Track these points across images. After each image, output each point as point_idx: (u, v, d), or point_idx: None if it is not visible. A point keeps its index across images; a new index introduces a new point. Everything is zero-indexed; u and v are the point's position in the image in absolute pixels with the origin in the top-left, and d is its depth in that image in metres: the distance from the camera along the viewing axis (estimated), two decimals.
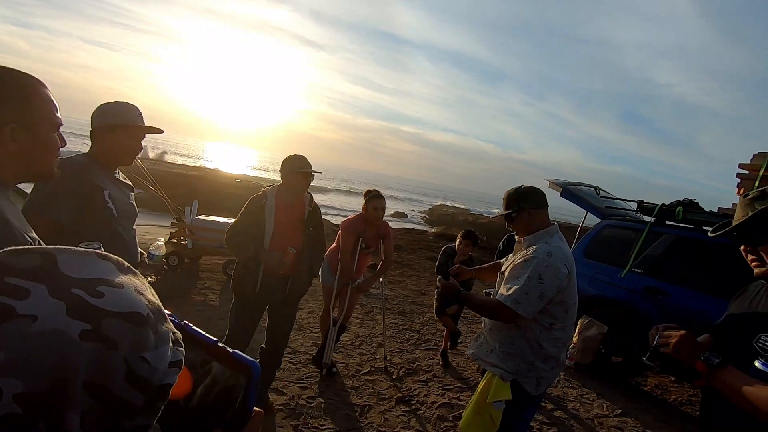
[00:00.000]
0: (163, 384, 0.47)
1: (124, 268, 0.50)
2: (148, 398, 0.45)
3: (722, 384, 1.12)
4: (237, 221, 2.51)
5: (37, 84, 0.96)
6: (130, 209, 1.76)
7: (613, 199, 5.04)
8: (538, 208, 1.92)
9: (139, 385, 0.43)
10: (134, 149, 1.72)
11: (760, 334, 1.19)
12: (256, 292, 2.46)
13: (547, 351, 1.88)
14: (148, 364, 0.44)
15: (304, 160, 2.49)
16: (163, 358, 0.46)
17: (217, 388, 0.62)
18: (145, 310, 0.45)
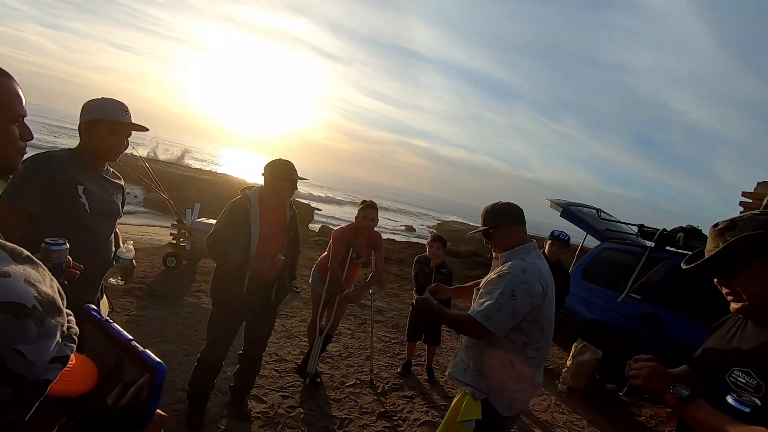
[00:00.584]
0: (41, 380, 0.45)
1: (21, 257, 0.49)
2: (19, 394, 0.43)
3: (691, 418, 1.08)
4: (219, 227, 2.40)
5: None
6: (110, 207, 1.75)
7: (614, 221, 4.97)
8: (515, 223, 1.90)
9: (10, 379, 0.42)
10: (117, 145, 1.70)
11: (733, 368, 1.15)
12: (242, 300, 2.41)
13: (520, 371, 1.83)
14: (24, 357, 0.42)
15: (292, 166, 2.44)
16: (43, 352, 0.45)
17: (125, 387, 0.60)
18: (30, 302, 0.44)
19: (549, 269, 1.93)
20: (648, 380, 1.16)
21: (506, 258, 1.88)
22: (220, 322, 2.49)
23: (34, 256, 0.51)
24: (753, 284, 1.07)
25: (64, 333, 0.50)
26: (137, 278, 4.96)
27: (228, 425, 2.64)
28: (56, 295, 0.50)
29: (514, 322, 1.73)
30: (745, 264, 1.07)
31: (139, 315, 3.99)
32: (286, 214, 2.55)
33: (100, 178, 1.74)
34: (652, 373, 1.16)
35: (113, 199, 1.79)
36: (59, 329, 0.48)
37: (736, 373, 1.12)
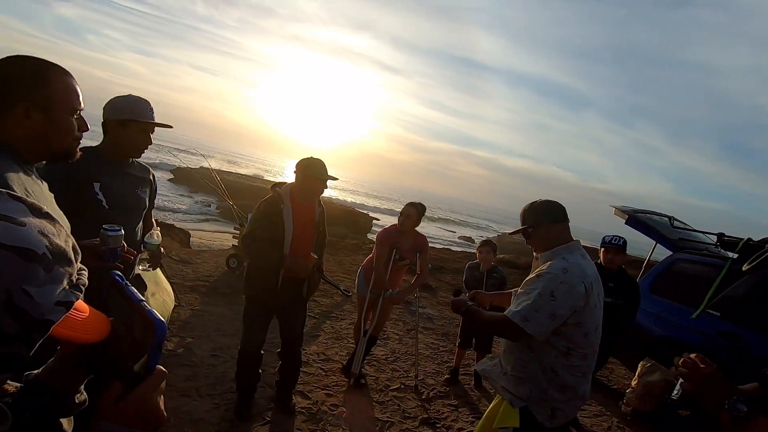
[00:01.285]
0: (44, 319, 0.51)
1: (40, 213, 0.55)
2: (24, 329, 0.49)
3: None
4: (253, 226, 2.46)
5: (59, 71, 1.07)
6: (132, 201, 1.81)
7: (689, 230, 4.51)
8: (556, 222, 1.80)
9: (16, 313, 0.47)
10: (145, 143, 1.78)
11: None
12: (275, 297, 2.48)
13: (563, 379, 1.71)
14: (31, 297, 0.48)
15: (323, 165, 2.45)
16: (48, 295, 0.50)
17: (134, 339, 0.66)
18: (41, 249, 0.50)
19: (596, 270, 1.80)
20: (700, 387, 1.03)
21: (547, 258, 1.79)
22: (252, 316, 2.58)
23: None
24: None
25: (72, 282, 0.56)
26: (203, 276, 5.35)
27: (273, 417, 2.74)
28: (69, 249, 0.56)
29: (555, 325, 1.63)
30: None
31: (202, 310, 4.29)
32: (316, 211, 2.58)
33: (124, 173, 1.79)
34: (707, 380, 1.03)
35: (137, 193, 1.84)
36: (67, 277, 0.54)
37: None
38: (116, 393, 0.60)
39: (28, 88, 1.02)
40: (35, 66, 1.05)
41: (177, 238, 7.74)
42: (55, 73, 1.07)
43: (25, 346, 0.50)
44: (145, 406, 0.60)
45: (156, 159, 33.68)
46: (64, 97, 1.08)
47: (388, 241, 3.28)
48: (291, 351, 2.77)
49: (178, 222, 11.55)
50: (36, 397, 0.68)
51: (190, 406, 2.66)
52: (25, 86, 1.02)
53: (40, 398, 0.68)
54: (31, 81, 1.03)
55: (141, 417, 0.59)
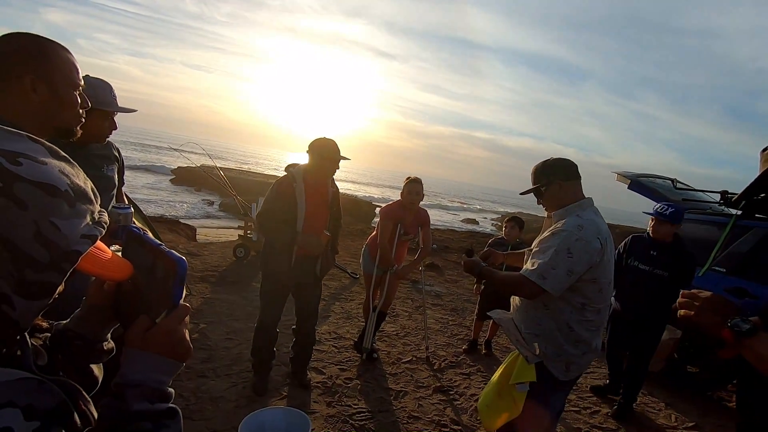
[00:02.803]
0: (72, 250, 0.54)
1: (59, 155, 0.58)
2: (55, 258, 0.52)
3: (753, 354, 0.96)
4: (268, 205, 2.53)
5: (57, 46, 1.08)
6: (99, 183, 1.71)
7: (692, 191, 4.51)
8: (569, 179, 1.79)
9: (46, 244, 0.50)
10: (109, 128, 1.74)
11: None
12: (288, 274, 2.55)
13: (578, 334, 1.74)
14: (58, 229, 0.51)
15: (335, 145, 2.50)
16: (74, 227, 0.53)
17: (156, 281, 0.69)
18: (63, 186, 0.53)
19: (607, 227, 1.81)
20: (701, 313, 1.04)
21: (560, 216, 1.78)
22: (269, 292, 2.68)
23: None
24: None
25: (94, 219, 0.59)
26: (212, 267, 5.41)
27: (290, 392, 2.81)
28: (88, 189, 0.59)
29: (571, 281, 1.64)
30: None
31: (213, 297, 4.35)
32: (329, 191, 2.63)
33: (86, 155, 1.72)
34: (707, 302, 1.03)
35: (104, 173, 1.81)
36: (89, 214, 0.57)
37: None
38: (144, 325, 0.63)
39: (34, 61, 1.03)
40: (37, 41, 1.05)
41: (183, 234, 7.81)
42: (57, 47, 1.08)
43: (57, 274, 0.53)
44: (173, 336, 0.63)
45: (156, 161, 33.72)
46: (67, 71, 1.09)
47: (392, 217, 3.31)
48: (305, 328, 2.84)
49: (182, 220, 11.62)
50: (65, 341, 0.72)
51: (209, 386, 2.73)
52: (30, 60, 1.03)
53: (70, 342, 0.72)
54: (36, 54, 1.04)
55: (170, 346, 0.62)
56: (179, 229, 7.97)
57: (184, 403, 2.51)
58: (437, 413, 2.84)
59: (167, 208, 16.32)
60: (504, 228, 3.90)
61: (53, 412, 0.55)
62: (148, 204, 16.14)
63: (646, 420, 3.14)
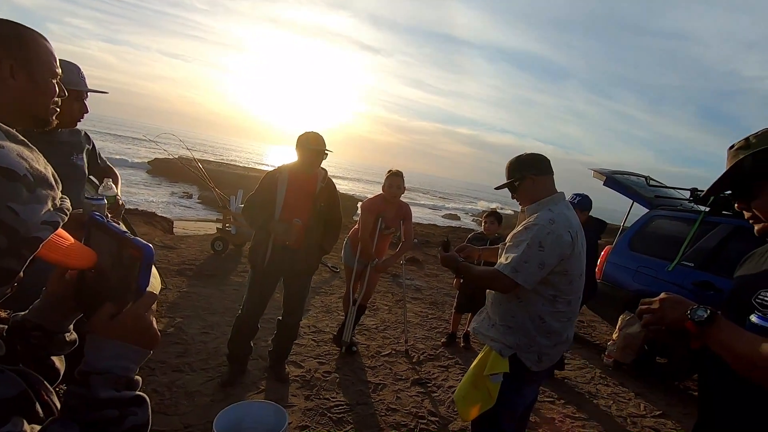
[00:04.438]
0: (32, 236, 0.52)
1: (17, 139, 0.56)
2: (14, 244, 0.50)
3: (714, 342, 1.00)
4: (253, 194, 2.63)
5: (37, 34, 1.06)
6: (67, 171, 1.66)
7: (664, 188, 4.65)
8: (541, 174, 1.83)
9: (5, 231, 0.48)
10: (79, 111, 1.69)
11: (760, 290, 1.07)
12: (265, 264, 2.57)
13: (549, 325, 1.78)
14: (16, 214, 0.49)
15: (316, 137, 2.54)
16: (34, 213, 0.51)
17: (121, 269, 0.67)
18: (21, 171, 0.51)
19: (579, 220, 1.86)
20: (663, 312, 1.08)
21: (533, 210, 1.82)
22: (252, 282, 2.68)
23: None
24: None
25: (56, 205, 0.56)
26: (189, 260, 5.31)
27: (267, 386, 2.79)
28: (49, 174, 0.57)
29: (543, 273, 1.68)
30: (762, 182, 0.99)
31: (190, 291, 4.28)
32: (317, 185, 2.63)
33: (52, 143, 1.64)
34: (666, 305, 1.08)
35: (72, 161, 1.75)
36: (50, 200, 0.55)
37: (763, 293, 1.04)
38: (109, 311, 0.61)
39: (14, 48, 1.01)
40: (17, 28, 1.03)
41: (159, 226, 7.63)
42: (37, 35, 1.06)
43: (16, 261, 0.51)
44: (139, 323, 0.61)
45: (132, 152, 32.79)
46: (46, 60, 1.07)
47: (373, 211, 3.31)
48: (288, 322, 2.83)
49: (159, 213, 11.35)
50: (25, 331, 0.69)
51: (184, 380, 2.69)
52: (10, 46, 1.00)
53: (29, 333, 0.69)
54: (16, 41, 1.01)
55: (136, 333, 0.61)
56: (155, 221, 7.78)
57: (158, 398, 2.47)
58: (415, 405, 2.86)
59: (143, 201, 15.92)
60: (483, 223, 3.95)
61: (13, 401, 0.54)
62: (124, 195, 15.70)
63: (617, 409, 3.24)
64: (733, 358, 0.96)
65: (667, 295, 1.10)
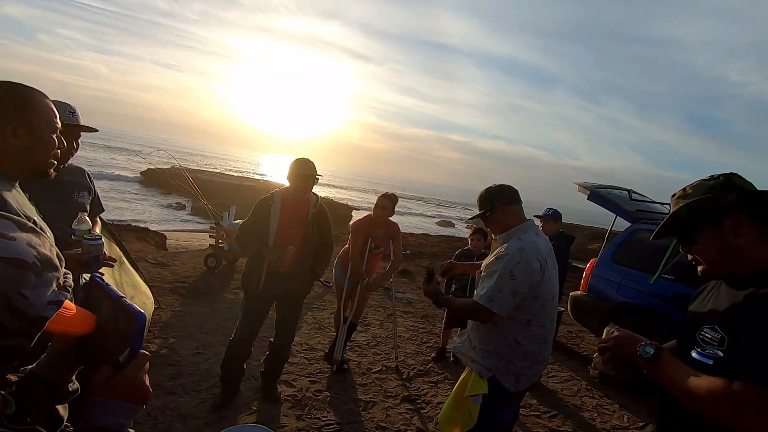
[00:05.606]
0: (40, 316, 0.60)
1: (26, 227, 0.64)
2: (24, 325, 0.58)
3: (660, 376, 1.11)
4: (247, 221, 2.69)
5: (39, 94, 1.17)
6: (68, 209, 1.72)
7: (647, 202, 4.79)
8: (510, 204, 1.94)
9: (16, 313, 0.56)
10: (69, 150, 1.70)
11: (703, 326, 1.17)
12: (259, 288, 2.63)
13: (525, 348, 1.88)
14: (26, 299, 0.57)
15: (306, 162, 2.61)
16: (41, 296, 0.60)
17: (117, 330, 0.75)
18: (30, 259, 0.59)
19: (548, 245, 1.96)
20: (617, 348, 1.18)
21: (504, 239, 1.92)
22: (246, 308, 2.74)
23: None
24: (705, 248, 1.10)
25: (60, 284, 0.65)
26: (182, 278, 5.35)
27: (259, 407, 2.85)
28: (53, 256, 0.65)
29: (517, 301, 1.78)
30: (699, 228, 1.10)
31: (183, 310, 4.32)
32: (309, 210, 2.71)
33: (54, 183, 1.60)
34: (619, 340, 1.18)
35: (73, 199, 1.80)
36: (55, 281, 0.63)
37: (705, 330, 1.14)
38: (106, 374, 0.70)
39: (18, 110, 1.12)
40: (22, 91, 1.14)
41: (152, 242, 7.66)
42: (39, 95, 1.17)
43: (27, 339, 0.59)
44: (133, 383, 0.70)
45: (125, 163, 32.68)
46: (47, 118, 1.17)
47: (362, 232, 3.40)
48: (280, 343, 2.90)
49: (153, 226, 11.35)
50: (32, 386, 0.77)
51: (177, 403, 2.74)
52: (15, 109, 1.11)
53: (37, 387, 0.77)
54: (21, 104, 1.12)
55: (130, 392, 0.69)
56: (148, 237, 7.81)
57: (152, 421, 2.52)
58: (404, 422, 2.93)
59: (136, 213, 15.88)
60: (470, 240, 4.05)
61: None
62: (116, 209, 15.66)
63: (601, 421, 3.33)
64: (674, 391, 1.06)
65: (619, 332, 1.21)
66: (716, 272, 1.14)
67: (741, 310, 1.03)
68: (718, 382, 0.97)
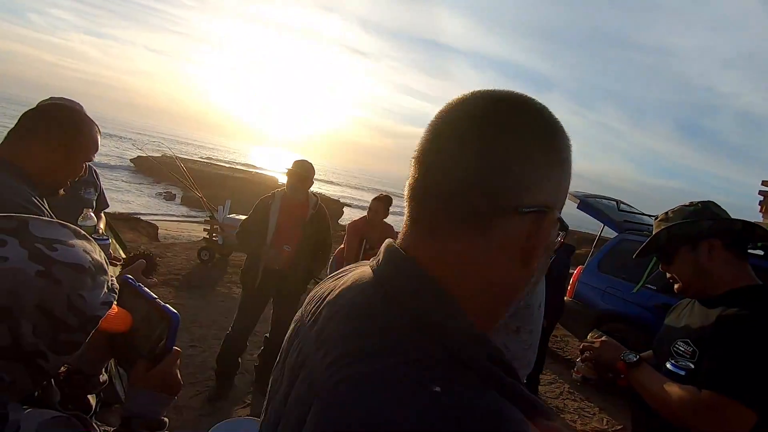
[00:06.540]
0: (95, 315, 0.68)
1: (80, 235, 0.71)
2: (82, 322, 0.66)
3: (636, 382, 1.22)
4: (247, 218, 2.78)
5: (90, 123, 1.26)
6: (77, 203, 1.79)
7: (634, 213, 4.94)
8: None
9: (76, 312, 0.64)
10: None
11: (676, 339, 1.28)
12: (256, 285, 2.72)
13: (514, 353, 1.99)
14: (84, 299, 0.65)
15: (304, 164, 2.72)
16: (96, 297, 0.67)
17: (152, 330, 0.83)
18: (87, 264, 0.66)
19: None
20: (600, 353, 1.30)
21: None
22: (243, 303, 2.83)
23: None
24: (681, 268, 1.21)
25: (109, 287, 0.72)
26: (175, 270, 5.38)
27: (253, 401, 2.92)
28: (103, 261, 0.72)
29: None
30: (676, 250, 1.21)
31: (176, 303, 4.36)
32: (308, 211, 2.79)
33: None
34: (602, 347, 1.30)
35: (80, 195, 1.87)
36: (106, 283, 0.71)
37: (679, 343, 1.25)
38: (144, 367, 0.78)
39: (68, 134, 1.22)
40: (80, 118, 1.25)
41: (144, 232, 7.65)
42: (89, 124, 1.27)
43: (84, 335, 0.67)
44: (167, 376, 0.78)
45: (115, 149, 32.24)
46: (88, 148, 1.27)
47: (357, 233, 3.47)
48: (276, 340, 2.97)
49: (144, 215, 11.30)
50: (68, 375, 0.85)
51: None
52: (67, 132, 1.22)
53: (73, 378, 0.85)
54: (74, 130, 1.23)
55: (165, 384, 0.78)
56: (140, 227, 7.79)
57: None
58: None
59: (126, 203, 15.74)
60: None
61: None
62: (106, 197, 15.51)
63: (581, 424, 3.47)
64: (647, 397, 1.18)
65: (608, 339, 1.32)
66: (690, 291, 1.25)
67: (711, 327, 1.14)
68: (687, 391, 1.09)
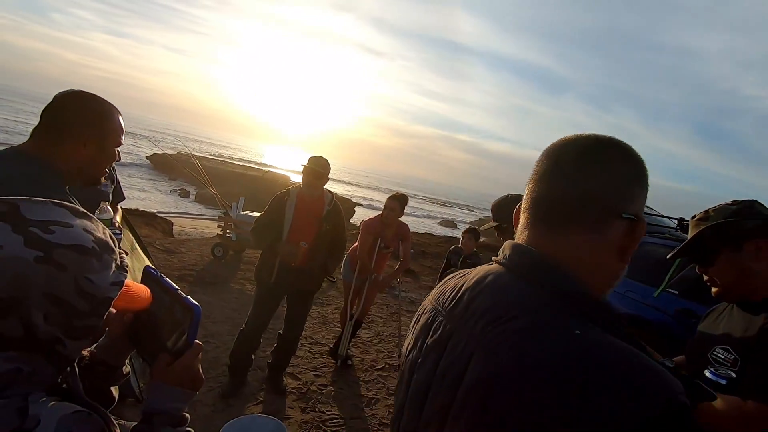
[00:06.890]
0: (106, 297, 0.64)
1: (79, 213, 0.67)
2: (94, 306, 0.62)
3: None
4: (262, 215, 2.77)
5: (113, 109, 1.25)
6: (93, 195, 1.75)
7: (654, 215, 4.82)
8: None
9: (86, 296, 0.61)
10: None
11: (715, 346, 1.21)
12: (272, 281, 2.70)
13: None
14: (92, 282, 0.61)
15: (319, 160, 2.70)
16: (104, 278, 0.63)
17: (176, 323, 0.80)
18: (90, 244, 0.62)
19: None
20: None
21: None
22: (258, 299, 2.81)
23: None
24: (723, 271, 1.14)
25: (118, 265, 0.69)
26: (189, 265, 5.41)
27: (265, 397, 2.90)
28: (108, 238, 0.68)
29: None
30: (717, 252, 1.14)
31: None
32: (324, 207, 2.77)
33: None
34: None
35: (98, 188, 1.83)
36: (114, 262, 0.67)
37: (718, 350, 1.18)
38: (166, 362, 0.74)
39: (96, 125, 1.21)
40: (101, 105, 1.24)
41: (159, 228, 7.72)
42: (113, 111, 1.26)
43: (97, 318, 0.64)
44: (189, 371, 0.75)
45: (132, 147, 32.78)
46: (117, 134, 1.27)
47: (372, 232, 3.44)
48: (290, 335, 2.96)
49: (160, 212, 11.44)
50: (92, 368, 0.82)
51: None
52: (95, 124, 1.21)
53: (96, 369, 0.82)
54: (100, 120, 1.22)
55: (186, 379, 0.74)
56: (155, 223, 7.88)
57: None
58: None
59: (142, 199, 15.97)
60: (462, 239, 4.07)
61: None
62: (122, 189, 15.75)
63: None
64: None
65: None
66: (731, 295, 1.18)
67: (757, 334, 1.07)
68: (731, 401, 1.02)
